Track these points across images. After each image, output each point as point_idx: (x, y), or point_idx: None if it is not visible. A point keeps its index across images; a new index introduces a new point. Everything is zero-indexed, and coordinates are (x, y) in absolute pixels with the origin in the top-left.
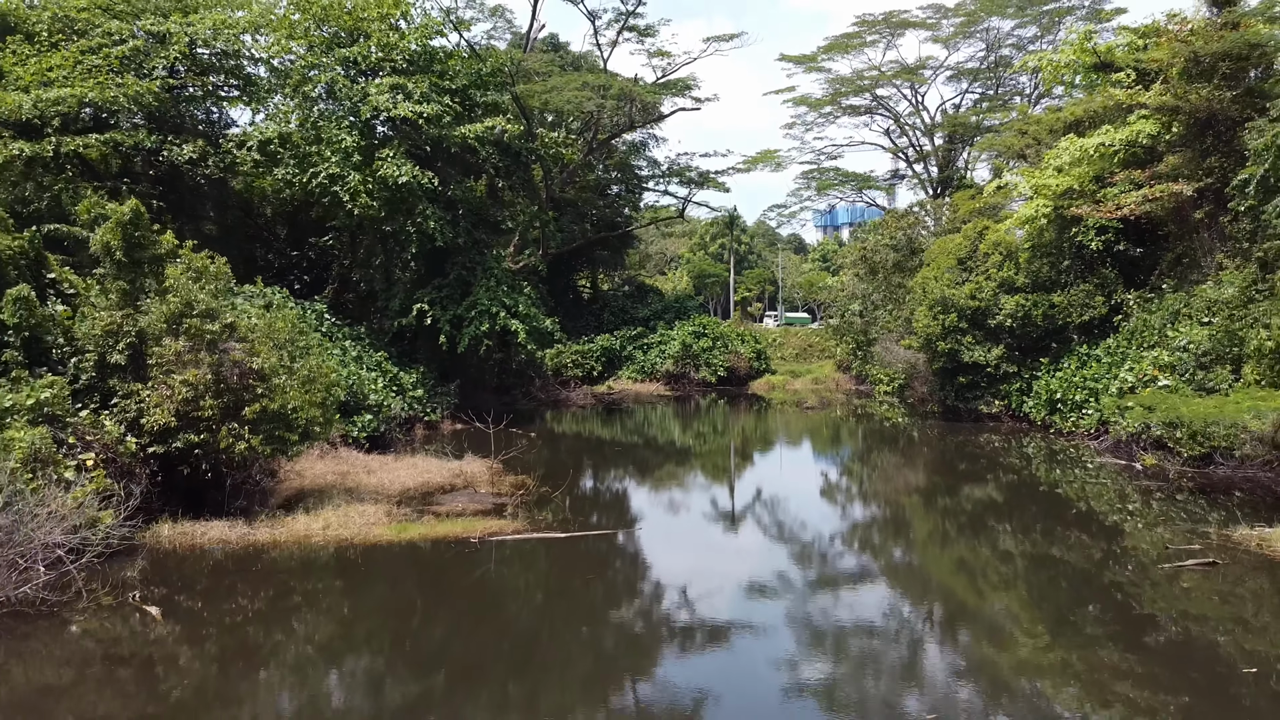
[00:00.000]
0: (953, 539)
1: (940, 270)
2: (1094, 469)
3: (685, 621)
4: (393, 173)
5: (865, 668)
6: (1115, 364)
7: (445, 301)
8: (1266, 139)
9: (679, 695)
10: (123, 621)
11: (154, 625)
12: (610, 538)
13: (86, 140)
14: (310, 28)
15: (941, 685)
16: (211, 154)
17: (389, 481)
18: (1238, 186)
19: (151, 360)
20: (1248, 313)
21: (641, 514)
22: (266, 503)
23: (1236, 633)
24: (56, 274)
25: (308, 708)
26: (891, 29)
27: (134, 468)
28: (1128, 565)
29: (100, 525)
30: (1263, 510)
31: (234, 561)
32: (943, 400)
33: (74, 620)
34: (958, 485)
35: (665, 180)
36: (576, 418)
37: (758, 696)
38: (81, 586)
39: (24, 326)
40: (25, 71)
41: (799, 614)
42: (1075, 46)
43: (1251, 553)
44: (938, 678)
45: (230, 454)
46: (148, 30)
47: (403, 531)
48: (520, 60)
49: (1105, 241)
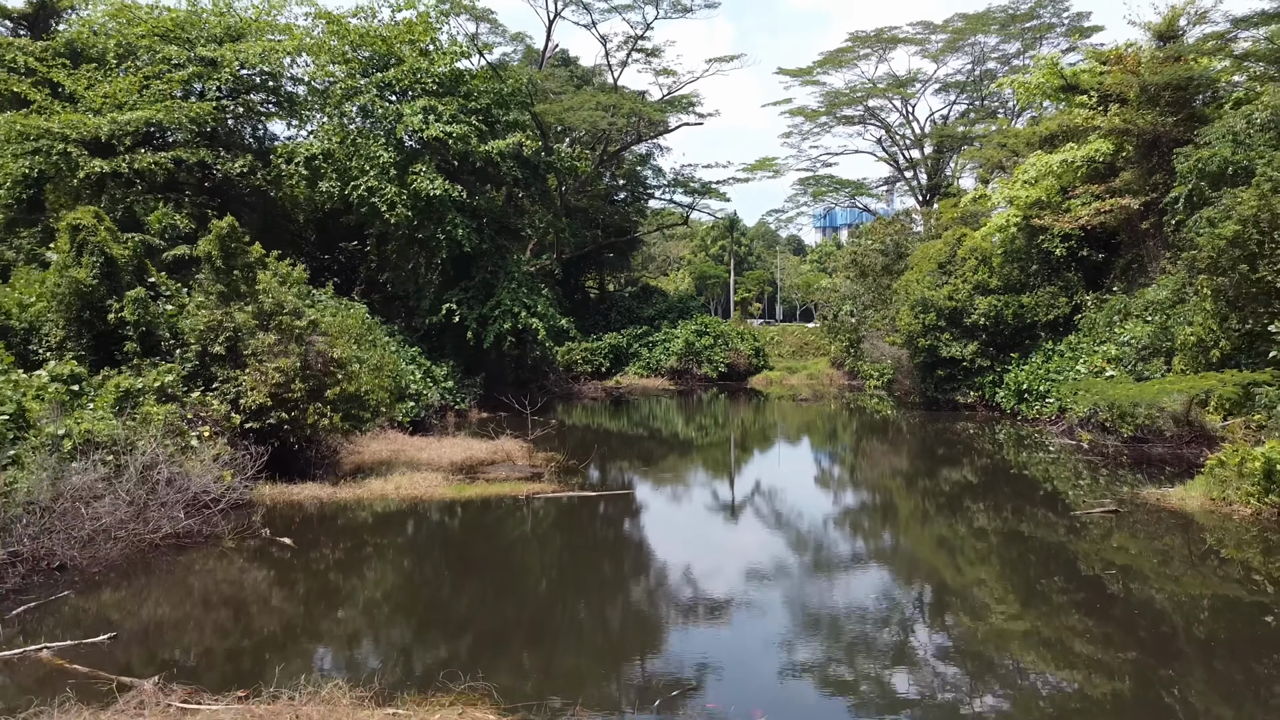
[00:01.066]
0: (916, 491)
1: (922, 273)
2: (1050, 449)
3: (677, 538)
4: (426, 186)
5: (827, 565)
6: (1074, 358)
7: (471, 302)
8: (1190, 163)
9: (682, 571)
10: (264, 549)
11: (290, 551)
12: (628, 496)
13: (156, 158)
14: (346, 51)
15: (890, 584)
16: (260, 167)
17: (438, 456)
18: (1170, 202)
19: (247, 350)
20: (1177, 312)
21: (651, 479)
22: (338, 472)
23: (1117, 553)
24: (155, 278)
25: (419, 598)
26: (883, 45)
27: (237, 440)
28: (1053, 513)
29: (224, 481)
30: (1177, 478)
31: (331, 511)
32: (923, 392)
33: (226, 549)
34: (930, 459)
35: (670, 190)
36: (588, 409)
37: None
38: (223, 527)
39: (141, 323)
40: (95, 95)
41: (770, 531)
42: (1045, 71)
43: (1150, 505)
44: (886, 578)
45: (315, 428)
46: (202, 56)
47: (461, 491)
48: (538, 80)
49: (1069, 248)
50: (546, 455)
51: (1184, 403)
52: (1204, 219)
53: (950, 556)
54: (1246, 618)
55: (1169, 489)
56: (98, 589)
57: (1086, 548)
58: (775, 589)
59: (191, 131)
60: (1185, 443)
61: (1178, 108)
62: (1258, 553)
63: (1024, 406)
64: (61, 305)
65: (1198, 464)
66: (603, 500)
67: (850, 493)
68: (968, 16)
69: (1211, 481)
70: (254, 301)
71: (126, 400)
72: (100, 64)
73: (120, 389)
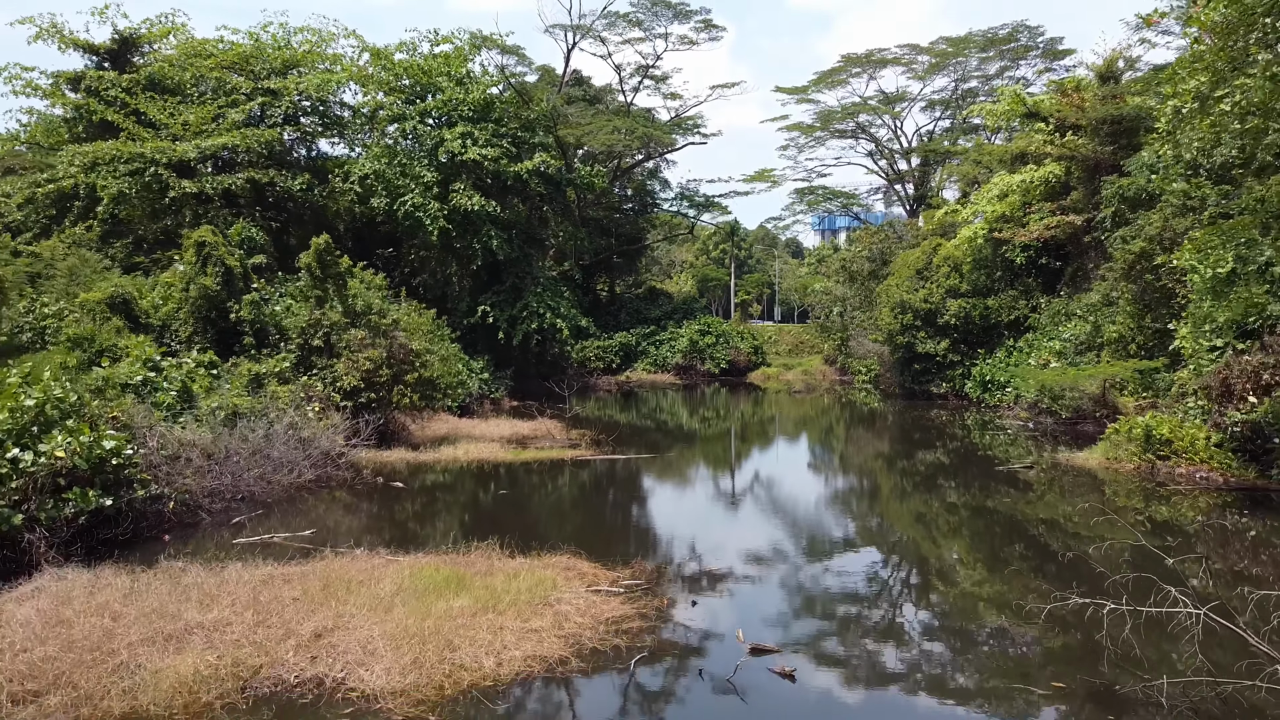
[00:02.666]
0: (883, 454)
1: (902, 279)
2: (1006, 429)
3: (693, 480)
4: (464, 202)
5: (806, 487)
6: (1028, 353)
7: (502, 304)
8: (1112, 189)
9: (696, 500)
10: (384, 489)
11: (402, 489)
12: (654, 458)
13: (234, 178)
14: (390, 80)
15: (851, 510)
16: (315, 184)
17: (490, 432)
18: (1100, 221)
19: (341, 343)
20: (1105, 313)
21: (669, 449)
22: (412, 443)
23: (1016, 488)
24: (256, 284)
25: (512, 509)
26: (873, 65)
27: (335, 414)
28: (987, 468)
29: (337, 445)
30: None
31: (417, 469)
32: (902, 384)
33: (354, 488)
34: (901, 435)
35: (677, 203)
36: (603, 401)
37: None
38: (343, 476)
39: (255, 320)
40: (175, 122)
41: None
42: (1010, 100)
43: (1060, 464)
44: (852, 503)
45: (399, 407)
46: (266, 87)
47: (517, 455)
48: (559, 106)
49: (1028, 257)
50: (579, 432)
51: (1099, 386)
52: (1121, 236)
53: (901, 484)
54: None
55: (1078, 453)
56: (278, 510)
57: (997, 486)
58: (765, 497)
59: (260, 154)
60: (1106, 420)
61: (1114, 139)
62: (1131, 492)
63: (987, 395)
64: (191, 307)
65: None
66: (632, 460)
67: (828, 453)
68: (951, 39)
69: (1108, 445)
70: (344, 303)
71: (254, 382)
72: (178, 94)
73: (251, 373)
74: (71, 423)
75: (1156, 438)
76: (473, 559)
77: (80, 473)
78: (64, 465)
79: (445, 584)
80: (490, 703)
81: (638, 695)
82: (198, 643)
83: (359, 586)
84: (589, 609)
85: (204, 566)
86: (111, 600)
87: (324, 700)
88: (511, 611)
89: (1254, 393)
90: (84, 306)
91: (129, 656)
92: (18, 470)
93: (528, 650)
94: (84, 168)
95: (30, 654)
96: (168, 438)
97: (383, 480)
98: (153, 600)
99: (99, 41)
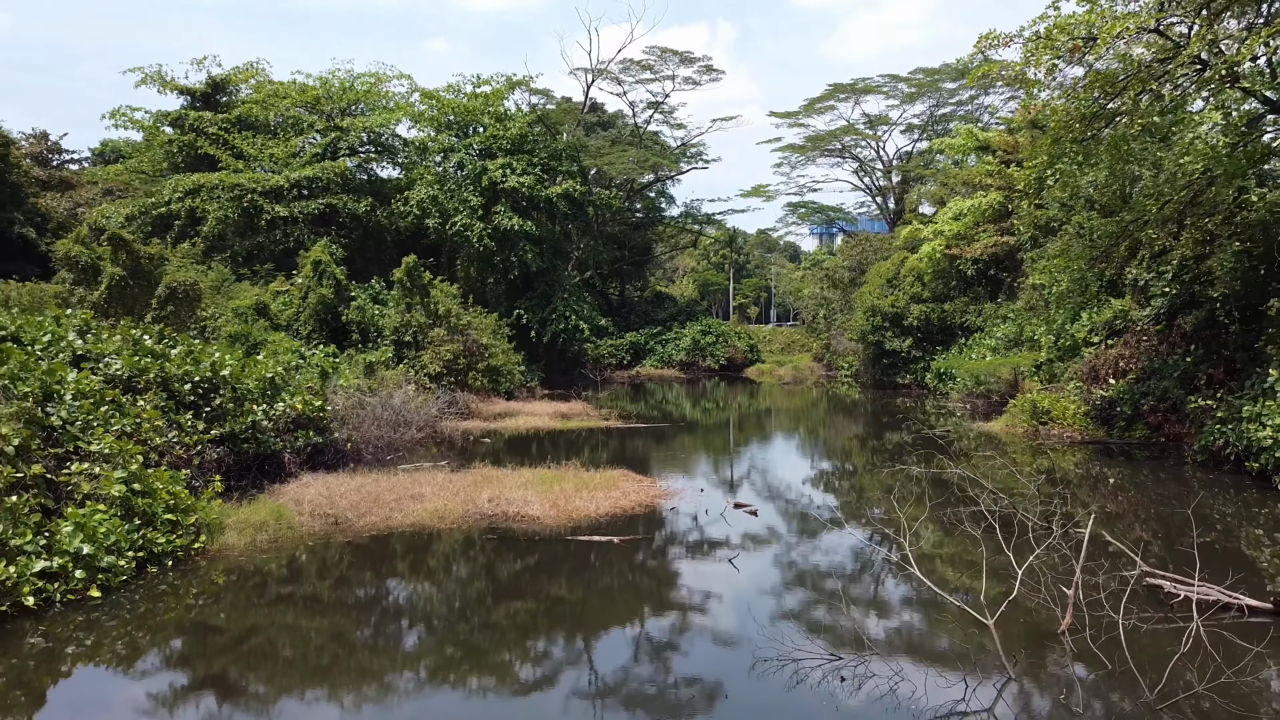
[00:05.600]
0: (848, 425)
1: (875, 286)
2: (951, 412)
3: (703, 436)
4: (505, 223)
5: (789, 439)
6: (972, 349)
7: (534, 308)
8: (1028, 219)
9: (699, 444)
10: (476, 442)
11: (490, 443)
12: (671, 427)
13: (315, 203)
14: (437, 117)
15: (810, 449)
16: (377, 206)
17: (536, 410)
18: (1023, 243)
19: (427, 339)
20: (1027, 317)
21: (682, 419)
22: (481, 416)
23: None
24: (354, 291)
25: (573, 447)
26: (857, 93)
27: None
28: (918, 431)
29: (433, 414)
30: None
31: (490, 432)
32: (873, 376)
33: (452, 444)
34: (865, 414)
35: (681, 220)
36: (617, 393)
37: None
38: (444, 437)
39: (361, 322)
40: (263, 155)
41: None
42: (965, 135)
43: (971, 432)
44: (811, 447)
45: (473, 388)
46: (336, 125)
47: (565, 424)
48: (581, 139)
49: (977, 269)
50: (606, 410)
51: (1010, 373)
52: (1031, 257)
53: (852, 437)
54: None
55: (986, 423)
56: (409, 454)
57: (916, 440)
58: (754, 446)
59: (333, 182)
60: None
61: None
62: (1018, 447)
63: (942, 384)
64: (310, 311)
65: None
66: (653, 429)
67: (805, 425)
68: (927, 70)
69: (1009, 416)
70: (427, 308)
71: (368, 369)
72: (263, 131)
73: (365, 361)
74: (291, 388)
75: (1040, 409)
76: (563, 471)
77: (303, 419)
78: (295, 414)
79: (554, 479)
80: (595, 522)
81: (668, 523)
82: (428, 499)
83: (502, 480)
84: (638, 491)
85: (398, 474)
86: (365, 483)
87: (510, 519)
88: (596, 489)
89: (1113, 376)
90: (235, 311)
91: (394, 504)
92: (270, 416)
93: (609, 505)
94: (187, 193)
95: (342, 501)
96: (335, 401)
97: (474, 436)
98: (387, 483)
99: (194, 85)
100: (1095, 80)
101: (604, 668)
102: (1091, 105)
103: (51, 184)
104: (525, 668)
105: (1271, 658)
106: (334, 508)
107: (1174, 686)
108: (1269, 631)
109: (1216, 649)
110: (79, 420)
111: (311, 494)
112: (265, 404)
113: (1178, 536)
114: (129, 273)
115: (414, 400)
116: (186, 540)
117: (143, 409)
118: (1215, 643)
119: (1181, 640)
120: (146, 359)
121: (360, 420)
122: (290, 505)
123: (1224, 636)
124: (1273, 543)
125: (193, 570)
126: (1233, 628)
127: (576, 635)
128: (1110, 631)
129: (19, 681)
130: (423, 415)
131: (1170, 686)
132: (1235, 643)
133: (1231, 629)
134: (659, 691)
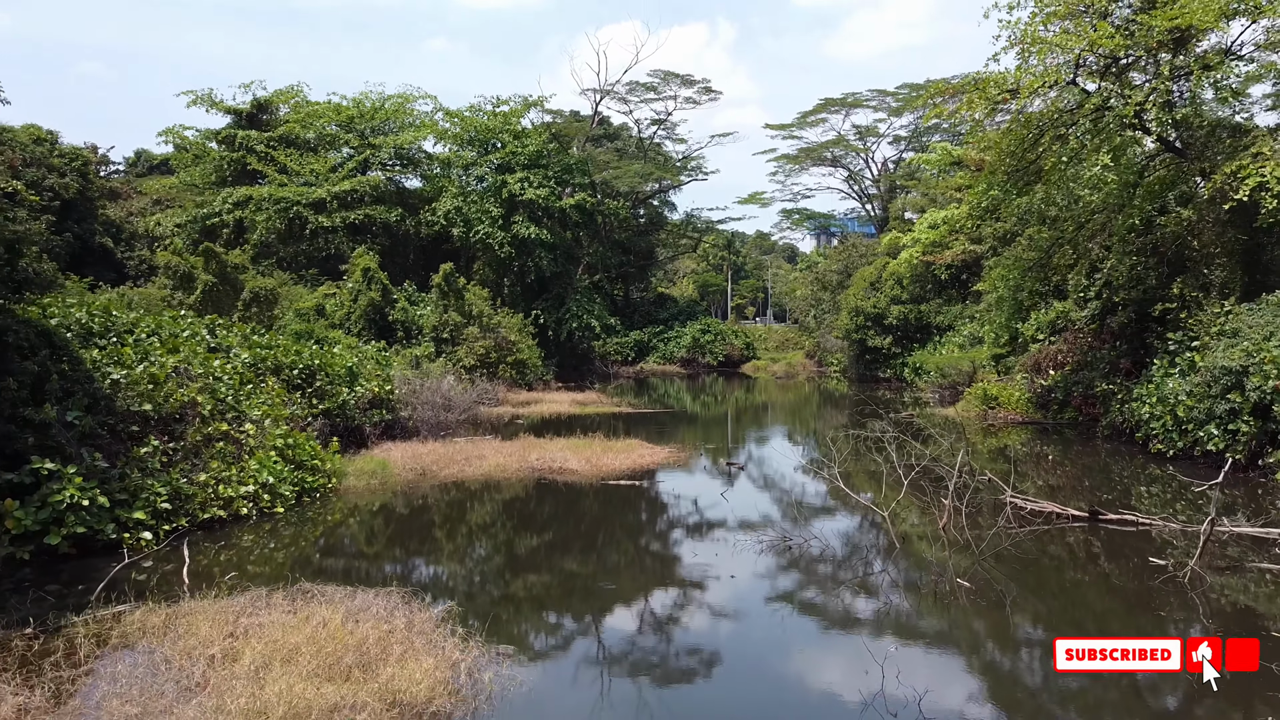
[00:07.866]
0: (831, 410)
1: (859, 289)
2: (924, 402)
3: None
4: (524, 232)
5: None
6: (944, 346)
7: (549, 309)
8: (988, 232)
9: (703, 423)
10: (512, 423)
11: (523, 424)
12: (676, 414)
13: (354, 214)
14: (461, 134)
15: (792, 425)
16: (406, 216)
17: (556, 398)
18: (984, 253)
19: (463, 336)
20: (988, 317)
21: (687, 406)
22: (510, 404)
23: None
24: (395, 294)
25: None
26: (847, 107)
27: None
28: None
29: (472, 400)
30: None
31: (521, 415)
32: (857, 371)
33: (491, 425)
34: (848, 403)
35: (682, 228)
36: (623, 387)
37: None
38: (482, 420)
39: (406, 321)
40: (305, 170)
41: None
42: (940, 152)
43: (926, 413)
44: (792, 425)
45: (503, 379)
46: (370, 143)
47: (583, 409)
48: (591, 154)
49: (951, 274)
50: (619, 399)
51: (968, 365)
52: (990, 264)
53: (830, 422)
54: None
55: (946, 408)
56: (460, 435)
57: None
58: (748, 423)
59: (370, 195)
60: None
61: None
62: (970, 428)
63: (918, 378)
64: (360, 312)
65: None
66: (659, 415)
67: (792, 412)
68: (913, 85)
69: (964, 403)
70: (462, 309)
71: (414, 362)
72: (304, 148)
73: (412, 355)
74: (365, 375)
75: (990, 396)
76: (591, 440)
77: (377, 399)
78: (371, 396)
79: (585, 445)
80: (620, 474)
81: (675, 475)
82: (489, 458)
83: (544, 445)
84: (653, 454)
85: (458, 443)
86: (435, 447)
87: (555, 471)
88: (619, 452)
89: (1053, 368)
90: (297, 311)
91: (464, 461)
92: (354, 395)
93: (631, 462)
94: (236, 204)
95: (425, 458)
96: (397, 385)
97: (508, 419)
98: (453, 448)
99: (240, 105)
100: (1020, 123)
101: (641, 553)
102: (1019, 144)
103: (104, 195)
104: (587, 550)
105: (1061, 534)
106: (419, 463)
107: (1002, 554)
108: (1079, 528)
109: (1039, 537)
110: (232, 395)
111: (396, 455)
112: (348, 387)
113: (1055, 479)
114: (218, 279)
115: (456, 388)
116: (323, 481)
117: (273, 387)
118: (1040, 535)
119: (1017, 534)
120: (261, 350)
121: (417, 403)
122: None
123: (1050, 532)
124: (1119, 480)
125: (336, 498)
126: (1060, 530)
127: (616, 530)
128: (975, 530)
129: (282, 545)
130: (465, 400)
131: (999, 554)
132: (1051, 532)
133: (1060, 530)
134: (678, 560)
